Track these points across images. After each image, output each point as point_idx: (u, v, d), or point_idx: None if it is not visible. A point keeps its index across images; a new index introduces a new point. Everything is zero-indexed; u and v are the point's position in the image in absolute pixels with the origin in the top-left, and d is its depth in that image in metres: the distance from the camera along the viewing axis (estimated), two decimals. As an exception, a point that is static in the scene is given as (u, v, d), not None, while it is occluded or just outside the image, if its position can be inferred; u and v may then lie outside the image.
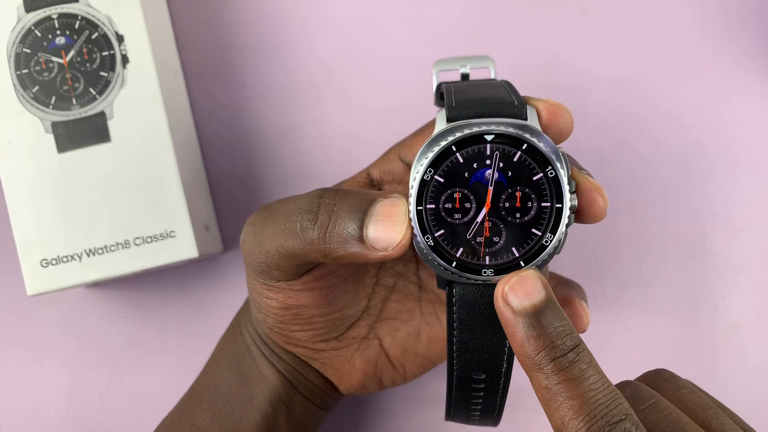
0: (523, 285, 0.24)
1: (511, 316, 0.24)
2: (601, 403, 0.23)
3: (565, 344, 0.24)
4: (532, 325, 0.24)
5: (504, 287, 0.24)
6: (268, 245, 0.28)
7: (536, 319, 0.24)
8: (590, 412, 0.23)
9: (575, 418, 0.23)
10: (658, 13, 0.42)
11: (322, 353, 0.33)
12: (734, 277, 0.41)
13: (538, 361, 0.24)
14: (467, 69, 0.31)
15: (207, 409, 0.33)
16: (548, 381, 0.23)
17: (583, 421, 0.23)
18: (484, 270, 0.26)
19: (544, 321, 0.24)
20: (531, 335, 0.24)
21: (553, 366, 0.23)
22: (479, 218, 0.26)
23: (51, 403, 0.41)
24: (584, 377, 0.23)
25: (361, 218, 0.26)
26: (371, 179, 0.33)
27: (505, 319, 0.24)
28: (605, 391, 0.23)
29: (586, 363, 0.24)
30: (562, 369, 0.23)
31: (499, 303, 0.25)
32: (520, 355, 0.24)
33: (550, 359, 0.23)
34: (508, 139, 0.25)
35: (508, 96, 0.26)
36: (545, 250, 0.26)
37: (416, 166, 0.26)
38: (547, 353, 0.24)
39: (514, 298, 0.24)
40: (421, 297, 0.34)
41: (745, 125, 0.42)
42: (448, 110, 0.26)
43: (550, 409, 0.24)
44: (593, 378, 0.23)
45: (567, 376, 0.23)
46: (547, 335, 0.24)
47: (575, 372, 0.23)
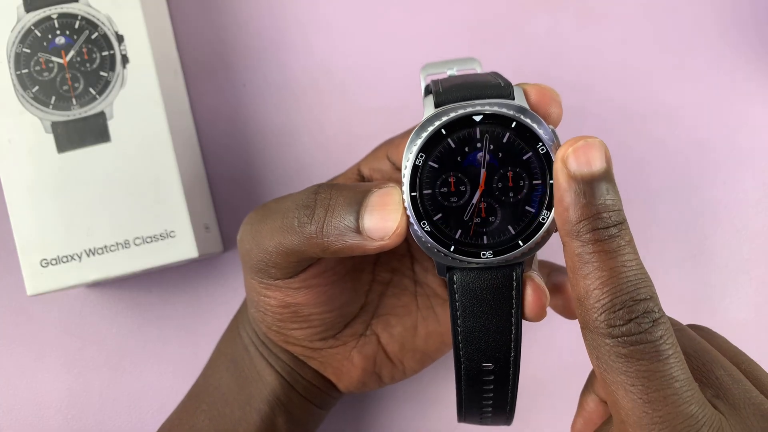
0: (587, 151, 0.24)
1: (566, 180, 0.24)
2: (630, 279, 0.23)
3: (610, 218, 0.23)
4: (584, 192, 0.23)
5: (567, 149, 0.24)
6: (266, 243, 0.28)
7: (589, 187, 0.23)
8: (617, 285, 0.23)
9: (600, 288, 0.23)
10: (659, 13, 0.42)
11: (320, 352, 0.33)
12: (734, 277, 0.41)
13: (577, 228, 0.23)
14: (454, 71, 0.31)
15: (206, 411, 0.33)
16: (583, 249, 0.23)
17: (608, 292, 0.23)
18: (483, 252, 0.26)
19: (597, 191, 0.23)
20: (579, 202, 0.23)
21: (592, 236, 0.23)
22: (474, 200, 0.26)
23: (51, 403, 0.41)
24: (620, 252, 0.23)
25: (357, 210, 0.26)
26: (361, 175, 0.33)
27: (558, 183, 0.24)
28: (637, 270, 0.23)
29: (625, 241, 0.23)
30: (601, 240, 0.23)
31: (557, 165, 0.24)
32: (561, 219, 0.24)
33: (591, 228, 0.23)
34: (496, 119, 0.25)
35: (494, 79, 0.27)
36: (542, 227, 0.26)
37: (407, 153, 0.26)
38: (590, 222, 0.23)
39: (573, 161, 0.24)
40: (417, 292, 0.34)
41: (745, 125, 0.42)
42: (435, 96, 0.26)
43: (577, 277, 0.24)
44: (629, 255, 0.23)
45: (603, 247, 0.23)
46: (594, 205, 0.23)
47: (613, 245, 0.23)
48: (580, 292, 0.24)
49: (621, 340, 0.23)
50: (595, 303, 0.23)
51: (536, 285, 0.27)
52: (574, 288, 0.24)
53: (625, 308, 0.23)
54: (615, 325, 0.23)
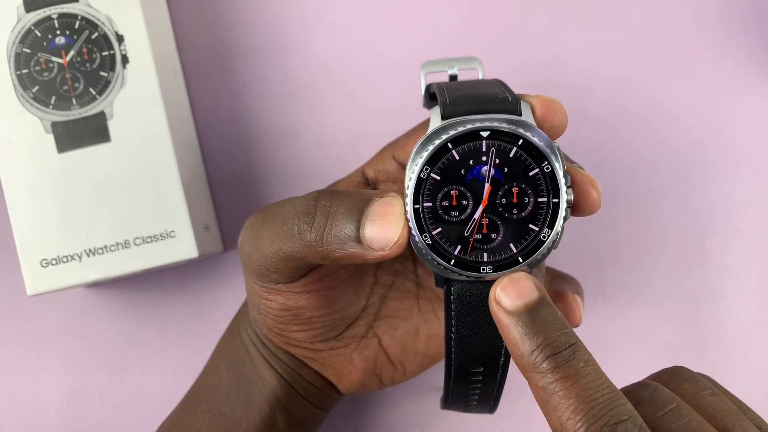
0: (515, 285, 0.24)
1: (505, 316, 0.24)
2: (600, 402, 0.22)
3: (560, 341, 0.23)
4: (525, 324, 0.24)
5: (496, 289, 0.24)
6: (265, 248, 0.28)
7: (529, 318, 0.24)
8: (588, 411, 0.22)
9: (573, 418, 0.22)
10: (659, 13, 0.42)
11: (321, 353, 0.33)
12: (734, 277, 0.41)
13: (533, 360, 0.23)
14: (455, 70, 0.31)
15: (206, 411, 0.33)
16: (544, 380, 0.23)
17: (581, 420, 0.22)
18: (483, 267, 0.26)
19: (537, 319, 0.24)
20: (525, 333, 0.23)
21: (549, 364, 0.23)
22: (476, 215, 0.26)
23: (51, 403, 0.41)
24: (581, 375, 0.23)
25: (357, 219, 0.26)
26: (366, 178, 0.33)
27: (499, 321, 0.24)
28: (605, 390, 0.23)
29: (583, 361, 0.23)
30: (558, 367, 0.23)
31: (492, 306, 0.25)
32: (515, 355, 0.24)
33: (544, 357, 0.23)
34: (504, 135, 0.25)
35: (501, 92, 0.26)
36: (543, 245, 0.26)
37: (411, 164, 0.26)
38: (542, 351, 0.23)
39: (506, 298, 0.24)
40: (419, 295, 0.34)
41: (745, 125, 0.42)
42: (442, 108, 0.26)
43: (548, 411, 0.23)
44: (591, 376, 0.23)
45: (563, 374, 0.23)
46: (541, 333, 0.23)
47: (571, 370, 0.23)
48: (555, 425, 0.23)
49: None
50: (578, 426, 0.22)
51: None
52: (549, 422, 0.23)
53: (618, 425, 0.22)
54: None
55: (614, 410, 0.22)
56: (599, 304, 0.41)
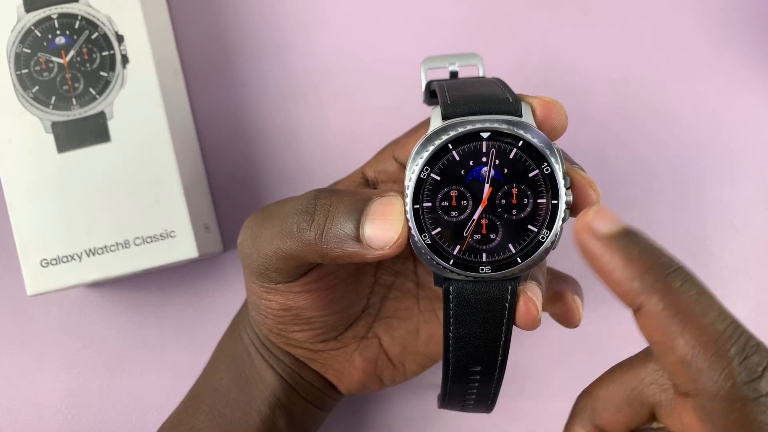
0: (605, 213, 0.23)
1: (604, 244, 0.22)
2: (736, 321, 0.20)
3: (672, 262, 0.21)
4: (633, 243, 0.22)
5: (586, 218, 0.23)
6: (265, 248, 0.28)
7: (634, 237, 0.22)
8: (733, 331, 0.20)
9: (711, 337, 0.20)
10: (658, 13, 0.42)
11: (322, 354, 0.33)
12: (734, 277, 0.41)
13: (648, 281, 0.21)
14: (456, 67, 0.31)
15: (206, 412, 0.33)
16: (666, 301, 0.20)
17: (724, 340, 0.20)
18: (482, 267, 0.26)
19: (641, 238, 0.22)
20: (633, 254, 0.21)
21: (666, 283, 0.21)
22: (476, 216, 0.26)
23: (51, 403, 0.41)
24: (710, 294, 0.21)
25: (357, 218, 0.26)
26: (366, 179, 0.33)
27: (596, 252, 0.22)
28: (728, 315, 0.20)
29: (699, 282, 0.21)
30: (682, 285, 0.21)
31: (584, 237, 0.22)
32: (623, 284, 0.21)
33: (662, 275, 0.21)
34: (504, 137, 0.25)
35: (502, 93, 0.26)
36: (542, 245, 0.26)
37: (411, 164, 0.26)
38: (658, 270, 0.21)
39: (601, 224, 0.22)
40: (419, 295, 0.34)
41: (745, 125, 0.42)
42: (442, 108, 0.26)
43: (671, 337, 0.20)
44: (713, 298, 0.21)
45: (689, 289, 0.21)
46: (652, 251, 0.22)
47: (698, 286, 0.21)
48: (683, 350, 0.20)
49: (758, 403, 0.19)
50: (711, 356, 0.20)
51: (528, 299, 0.26)
52: (668, 353, 0.21)
53: (749, 357, 0.20)
54: (747, 380, 0.19)
55: (744, 335, 0.20)
56: (599, 304, 0.41)
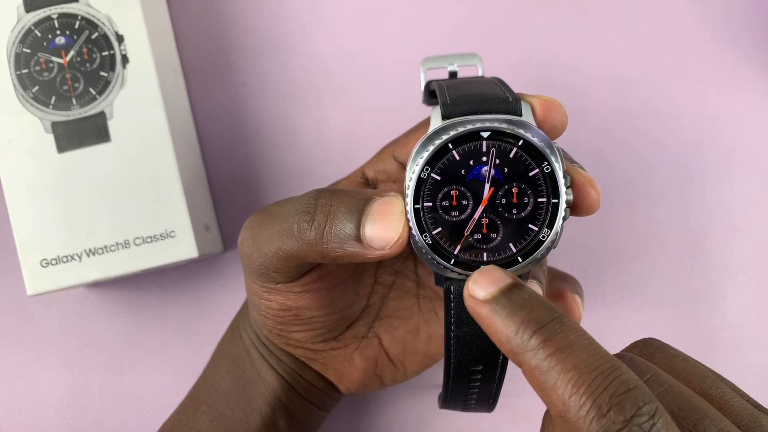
0: (486, 276, 0.24)
1: (483, 307, 0.23)
2: (603, 371, 0.20)
3: (544, 315, 0.22)
4: (504, 305, 0.23)
5: (468, 285, 0.24)
6: (265, 248, 0.28)
7: (507, 300, 0.23)
8: (592, 382, 0.20)
9: (576, 392, 0.20)
10: (658, 13, 0.42)
11: (322, 353, 0.33)
12: (734, 277, 0.41)
13: (519, 340, 0.22)
14: (455, 67, 0.31)
15: (207, 413, 0.33)
16: (536, 358, 0.21)
17: (585, 393, 0.20)
18: (483, 266, 0.26)
19: (515, 299, 0.23)
20: (506, 315, 0.22)
21: (537, 339, 0.21)
22: (476, 215, 0.26)
23: (51, 403, 0.41)
24: (575, 345, 0.21)
25: (357, 218, 0.26)
26: (366, 178, 0.33)
27: (478, 314, 0.23)
28: (604, 358, 0.21)
29: (573, 332, 0.21)
30: (548, 340, 0.21)
31: (469, 303, 0.24)
32: (502, 344, 0.23)
33: (531, 332, 0.22)
34: (504, 136, 0.25)
35: (502, 92, 0.26)
36: (542, 244, 0.26)
37: (412, 164, 0.26)
38: (527, 327, 0.22)
39: (479, 289, 0.24)
40: (420, 294, 0.34)
41: (745, 125, 0.42)
42: (442, 107, 0.26)
43: (547, 392, 0.21)
44: (586, 345, 0.21)
45: (556, 347, 0.21)
46: (521, 310, 0.22)
47: (563, 342, 0.21)
48: (558, 407, 0.21)
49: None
50: (577, 412, 0.20)
51: None
52: (550, 406, 0.21)
53: (614, 408, 0.20)
54: (612, 430, 0.20)
55: (619, 378, 0.20)
56: (599, 304, 0.41)
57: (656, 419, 0.20)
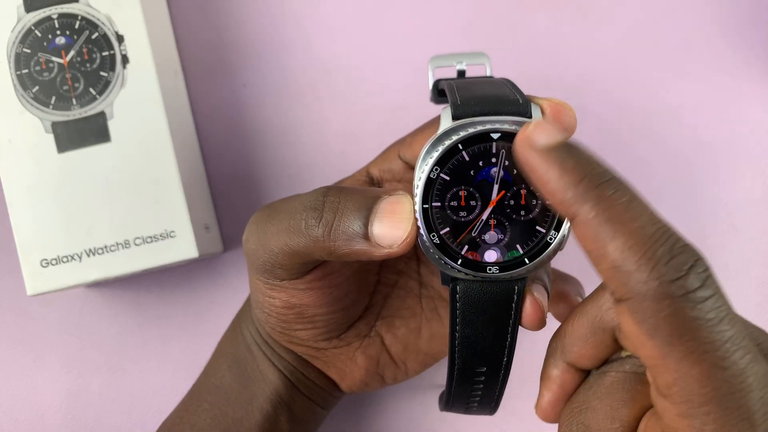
0: (545, 126, 0.23)
1: (541, 155, 0.22)
2: (660, 226, 0.21)
3: (606, 171, 0.22)
4: (568, 155, 0.22)
5: (526, 131, 0.23)
6: (271, 244, 0.28)
7: (571, 149, 0.22)
8: (653, 235, 0.20)
9: (636, 243, 0.20)
10: (658, 13, 0.42)
11: (324, 352, 0.33)
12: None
13: (581, 191, 0.21)
14: (463, 66, 0.31)
15: (208, 410, 0.33)
16: (597, 208, 0.21)
17: (645, 243, 0.20)
18: (489, 267, 0.26)
19: (578, 149, 0.22)
20: (567, 166, 0.22)
21: (600, 192, 0.21)
22: (484, 216, 0.26)
23: (51, 403, 0.41)
24: (636, 201, 0.21)
25: (366, 215, 0.26)
26: (371, 178, 0.33)
27: (534, 163, 0.22)
28: (659, 217, 0.21)
29: (632, 190, 0.21)
30: (610, 194, 0.21)
31: (523, 149, 0.23)
32: (556, 192, 0.22)
33: (594, 185, 0.21)
34: (514, 137, 0.25)
35: (512, 94, 0.26)
36: (549, 246, 0.26)
37: (421, 164, 0.26)
38: (591, 179, 0.21)
39: (540, 136, 0.22)
40: (422, 294, 0.34)
41: (745, 125, 0.42)
42: (453, 108, 0.26)
43: (602, 244, 0.21)
44: (644, 203, 0.21)
45: (617, 200, 0.21)
46: (586, 162, 0.22)
47: (624, 197, 0.21)
48: (613, 257, 0.21)
49: (686, 299, 0.20)
50: (639, 259, 0.20)
51: (534, 299, 0.27)
52: (602, 259, 0.21)
53: (675, 257, 0.20)
54: (673, 278, 0.20)
55: (675, 235, 0.21)
56: (599, 304, 0.41)
57: (710, 272, 0.21)
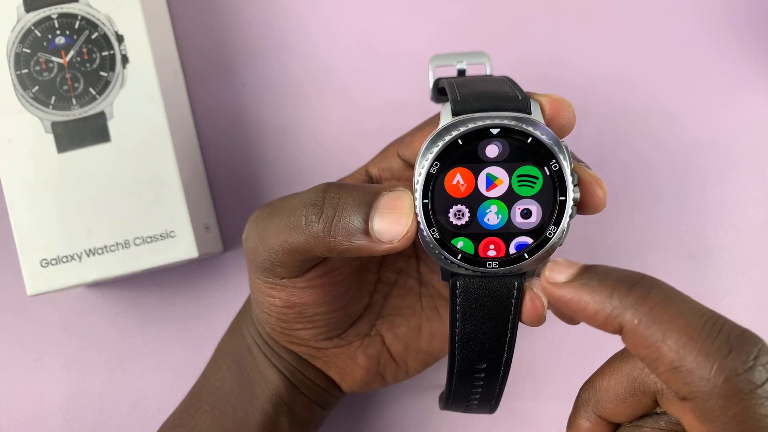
0: (558, 264, 0.24)
1: (568, 289, 0.23)
2: (709, 317, 0.20)
3: (633, 275, 0.22)
4: (591, 277, 0.22)
5: (545, 275, 0.24)
6: (272, 241, 0.28)
7: (591, 272, 0.23)
8: (704, 328, 0.20)
9: (691, 339, 0.19)
10: (658, 13, 0.42)
11: (325, 351, 0.33)
12: (734, 277, 0.41)
13: (616, 302, 0.21)
14: (464, 65, 0.31)
15: (208, 411, 0.33)
16: (639, 313, 0.20)
17: (700, 339, 0.19)
18: (489, 262, 0.26)
19: (597, 269, 0.23)
20: (595, 284, 0.22)
21: (636, 296, 0.21)
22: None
23: (51, 403, 0.41)
24: (675, 295, 0.21)
25: (366, 211, 0.26)
26: (370, 176, 0.33)
27: (561, 297, 0.23)
28: (703, 306, 0.20)
29: (667, 286, 0.21)
30: (647, 295, 0.21)
31: (550, 290, 0.24)
32: (596, 314, 0.22)
33: (627, 291, 0.21)
34: (513, 133, 0.25)
35: (511, 90, 0.27)
36: (549, 242, 0.26)
37: (421, 160, 0.26)
38: (622, 287, 0.21)
39: (558, 274, 0.23)
40: (422, 293, 0.34)
41: (745, 125, 0.42)
42: (452, 104, 0.26)
43: (656, 348, 0.20)
44: (683, 295, 0.21)
45: (657, 299, 0.21)
46: (609, 274, 0.22)
47: (662, 293, 0.21)
48: (670, 358, 0.20)
49: (755, 395, 0.18)
50: (696, 356, 0.19)
51: (534, 295, 0.27)
52: (659, 363, 0.20)
53: (735, 348, 0.19)
54: (739, 373, 0.19)
55: (728, 322, 0.20)
56: (599, 304, 0.41)
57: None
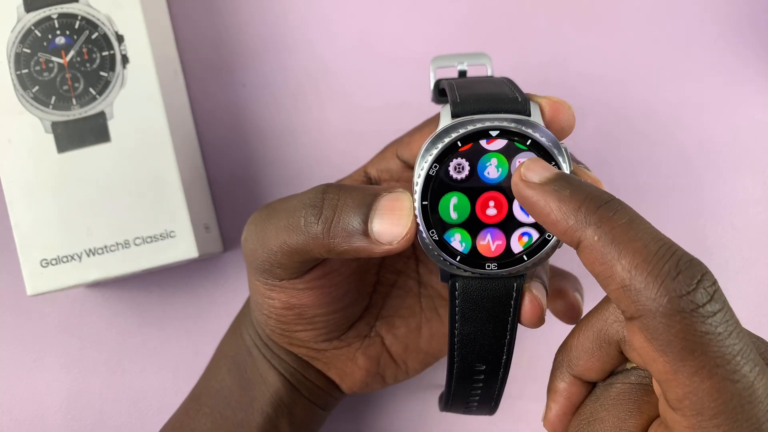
0: (537, 164, 0.24)
1: (538, 191, 0.23)
2: (665, 242, 0.21)
3: (603, 194, 0.22)
4: (563, 186, 0.23)
5: (520, 171, 0.24)
6: (271, 242, 0.28)
7: (564, 180, 0.23)
8: (658, 251, 0.21)
9: (644, 261, 0.21)
10: (658, 13, 0.42)
11: (325, 353, 0.33)
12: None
13: (582, 216, 0.22)
14: (465, 66, 0.31)
15: (208, 414, 0.33)
16: (601, 230, 0.21)
17: (652, 261, 0.21)
18: (488, 264, 0.26)
19: (571, 180, 0.23)
20: (565, 195, 0.23)
21: (601, 215, 0.22)
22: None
23: (51, 403, 0.41)
24: (637, 220, 0.22)
25: (365, 212, 0.26)
26: (369, 177, 0.33)
27: (529, 197, 0.23)
28: (661, 233, 0.21)
29: (632, 210, 0.22)
30: (611, 215, 0.22)
31: (520, 187, 0.24)
32: (558, 222, 0.23)
33: (594, 209, 0.22)
34: (512, 135, 0.25)
35: (511, 92, 0.27)
36: (548, 244, 0.26)
37: (421, 161, 0.26)
38: (590, 203, 0.22)
39: (534, 174, 0.24)
40: (421, 293, 0.34)
41: (745, 125, 0.42)
42: (452, 106, 0.26)
43: (609, 266, 0.21)
44: (645, 221, 0.22)
45: (619, 220, 0.22)
46: (582, 188, 0.23)
47: (625, 217, 0.22)
48: (621, 275, 0.21)
49: (696, 314, 0.20)
50: (646, 277, 0.21)
51: (533, 296, 0.27)
52: (610, 281, 0.22)
53: (683, 272, 0.21)
54: (682, 294, 0.20)
55: (680, 250, 0.21)
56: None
57: (717, 285, 0.21)
